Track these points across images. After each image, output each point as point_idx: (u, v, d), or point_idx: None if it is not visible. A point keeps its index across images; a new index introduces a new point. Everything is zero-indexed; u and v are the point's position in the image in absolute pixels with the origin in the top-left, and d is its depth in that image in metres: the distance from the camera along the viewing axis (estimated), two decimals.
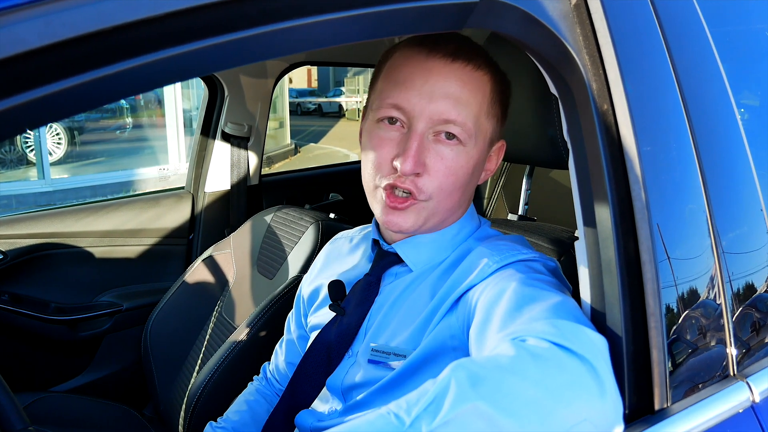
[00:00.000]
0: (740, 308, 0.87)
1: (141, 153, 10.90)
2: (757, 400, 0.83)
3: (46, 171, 8.77)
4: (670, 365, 0.78)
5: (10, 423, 1.01)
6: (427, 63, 0.97)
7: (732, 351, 0.85)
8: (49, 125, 9.08)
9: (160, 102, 10.78)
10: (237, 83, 2.41)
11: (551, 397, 0.62)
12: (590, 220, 0.81)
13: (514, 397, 0.61)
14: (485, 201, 2.65)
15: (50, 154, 9.35)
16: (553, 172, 2.56)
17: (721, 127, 0.90)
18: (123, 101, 11.14)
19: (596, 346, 0.69)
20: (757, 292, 0.90)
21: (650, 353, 0.77)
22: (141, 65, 0.56)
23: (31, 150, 9.18)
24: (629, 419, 0.76)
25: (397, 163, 0.96)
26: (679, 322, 0.80)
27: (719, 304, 0.84)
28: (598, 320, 0.80)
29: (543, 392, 0.62)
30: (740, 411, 0.81)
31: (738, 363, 0.86)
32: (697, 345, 0.83)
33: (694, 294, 0.82)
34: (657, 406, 0.77)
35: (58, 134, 9.85)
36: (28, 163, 9.36)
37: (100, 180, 9.20)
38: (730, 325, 0.85)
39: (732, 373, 0.85)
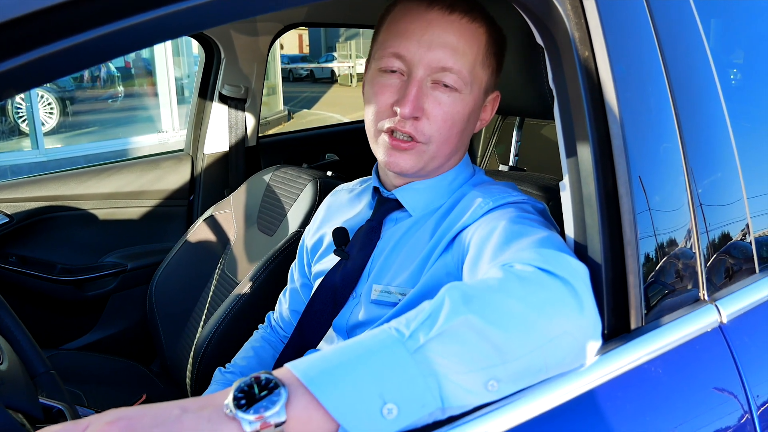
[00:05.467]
0: (711, 233, 0.93)
1: (134, 122, 10.82)
2: (725, 321, 0.89)
3: (40, 141, 8.68)
4: (645, 289, 0.85)
5: (35, 367, 1.08)
6: (427, 15, 1.02)
7: (703, 276, 0.92)
8: (40, 96, 9.01)
9: (150, 71, 10.67)
10: (232, 45, 2.42)
11: (534, 312, 0.68)
12: (573, 159, 0.87)
13: (502, 312, 0.67)
14: (478, 159, 2.70)
15: (43, 124, 9.25)
16: (544, 130, 2.62)
17: (696, 74, 0.95)
18: (114, 70, 11.03)
19: (577, 270, 0.75)
20: (727, 216, 0.97)
21: (627, 278, 0.83)
22: (148, 20, 0.62)
23: (23, 120, 9.10)
24: (607, 338, 0.82)
25: (397, 108, 1.02)
26: (654, 249, 0.86)
27: (691, 231, 0.91)
28: (580, 251, 0.86)
29: (527, 307, 0.68)
30: (709, 330, 0.88)
31: (708, 287, 0.92)
32: (671, 271, 0.89)
33: (667, 222, 0.88)
34: (633, 326, 0.84)
35: (50, 104, 9.72)
36: (21, 133, 9.28)
37: (94, 149, 9.14)
38: (702, 251, 0.92)
39: (702, 297, 0.92)
